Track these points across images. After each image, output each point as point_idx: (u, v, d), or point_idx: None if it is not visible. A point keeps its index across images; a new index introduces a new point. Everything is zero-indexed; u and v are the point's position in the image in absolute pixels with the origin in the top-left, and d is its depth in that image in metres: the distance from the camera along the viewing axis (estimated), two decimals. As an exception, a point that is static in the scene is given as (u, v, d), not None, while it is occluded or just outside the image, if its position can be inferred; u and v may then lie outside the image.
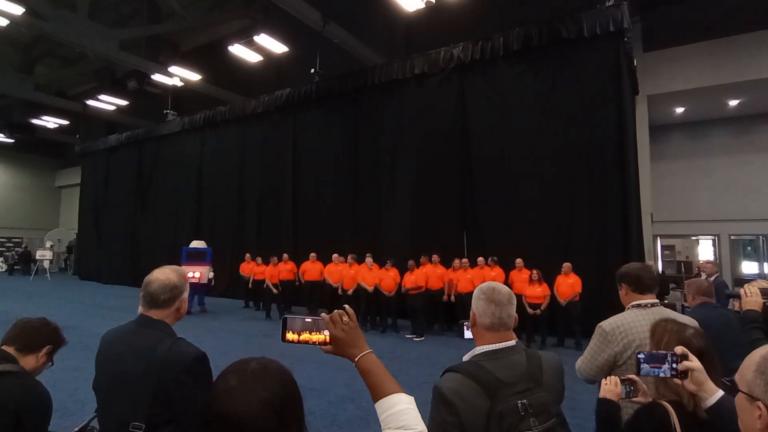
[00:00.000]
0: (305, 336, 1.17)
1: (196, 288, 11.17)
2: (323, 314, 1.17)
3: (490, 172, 9.57)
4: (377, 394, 1.09)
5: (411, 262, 8.87)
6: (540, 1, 10.68)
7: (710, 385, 1.34)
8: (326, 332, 1.15)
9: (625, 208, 8.26)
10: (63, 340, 1.92)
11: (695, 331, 1.43)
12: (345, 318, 1.16)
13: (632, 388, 1.66)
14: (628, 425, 1.55)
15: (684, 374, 1.35)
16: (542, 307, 7.66)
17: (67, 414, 4.23)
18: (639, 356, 1.44)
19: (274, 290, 10.46)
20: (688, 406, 1.36)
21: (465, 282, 8.45)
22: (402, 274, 8.95)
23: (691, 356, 1.37)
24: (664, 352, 1.41)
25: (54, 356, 1.90)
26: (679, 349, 1.37)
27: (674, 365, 1.37)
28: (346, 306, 1.19)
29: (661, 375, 1.39)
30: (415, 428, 1.03)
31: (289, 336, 1.17)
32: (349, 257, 9.71)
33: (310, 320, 1.17)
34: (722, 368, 1.43)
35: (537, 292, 7.68)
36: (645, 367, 1.42)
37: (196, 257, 11.48)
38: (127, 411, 1.47)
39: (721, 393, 1.32)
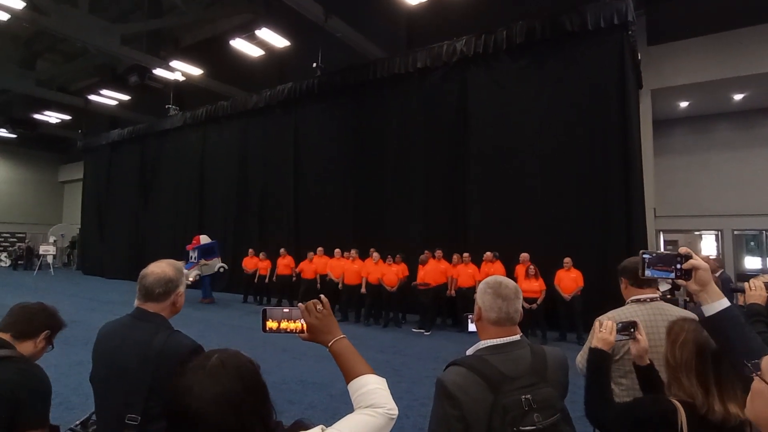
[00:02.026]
0: (284, 325, 1.24)
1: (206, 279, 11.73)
2: (299, 304, 1.24)
3: (493, 165, 9.53)
4: (349, 376, 1.15)
5: (422, 256, 8.89)
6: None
7: (714, 288, 1.26)
8: (302, 321, 1.22)
9: (628, 203, 8.23)
10: (61, 323, 1.87)
11: None
12: (319, 306, 1.23)
13: (632, 329, 1.66)
14: (627, 408, 1.54)
15: (688, 274, 1.28)
16: (538, 302, 7.67)
17: (70, 407, 4.24)
18: (644, 256, 1.35)
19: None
20: (701, 409, 1.33)
21: (466, 277, 8.48)
22: (409, 269, 9.06)
23: (696, 256, 1.29)
24: (671, 253, 1.33)
25: (54, 339, 1.86)
26: (684, 250, 1.31)
27: (678, 266, 1.29)
28: (321, 295, 1.26)
29: (668, 278, 1.31)
30: (383, 406, 1.08)
31: (269, 325, 1.25)
32: (352, 252, 9.72)
33: (287, 310, 1.25)
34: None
35: (533, 286, 7.68)
36: (650, 271, 1.33)
37: (216, 251, 12.12)
38: (123, 404, 1.47)
39: (726, 303, 1.24)
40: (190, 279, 11.31)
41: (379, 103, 11.41)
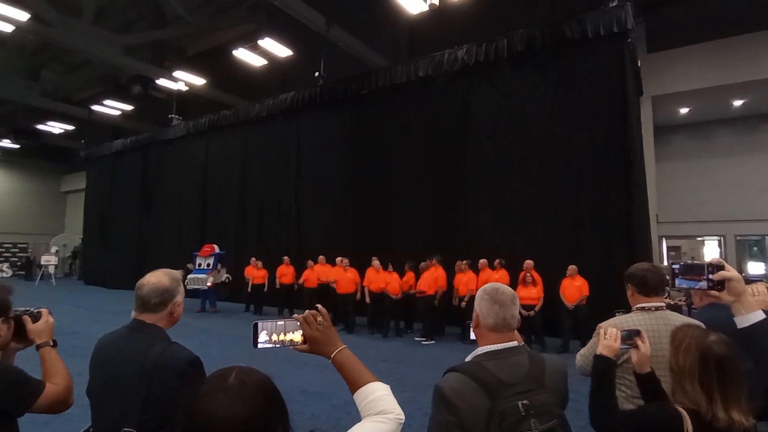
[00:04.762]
0: (278, 338, 1.20)
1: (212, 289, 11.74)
2: (295, 315, 1.21)
3: (496, 174, 9.54)
4: (354, 386, 1.14)
5: (422, 264, 8.87)
6: (544, 3, 10.67)
7: (749, 299, 1.26)
8: (299, 333, 1.20)
9: (630, 210, 8.21)
10: (7, 300, 1.63)
11: (718, 338, 1.36)
12: (319, 318, 1.21)
13: (635, 337, 1.65)
14: (632, 415, 1.53)
15: (720, 285, 1.28)
16: (536, 309, 7.61)
17: (69, 420, 4.21)
18: (674, 266, 1.36)
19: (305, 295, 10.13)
20: (705, 416, 1.31)
21: (471, 284, 8.40)
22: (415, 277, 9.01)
23: (728, 266, 1.29)
24: (701, 263, 1.33)
25: (10, 314, 1.63)
26: (716, 260, 1.31)
27: (710, 276, 1.30)
28: (319, 306, 1.25)
29: (698, 287, 1.32)
30: (392, 412, 1.09)
31: (262, 340, 1.19)
32: (343, 261, 9.63)
33: (282, 323, 1.20)
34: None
35: (531, 293, 7.63)
36: (680, 280, 1.35)
37: (225, 261, 12.21)
38: (119, 416, 1.45)
39: (762, 315, 1.24)
40: (208, 284, 11.42)
41: (381, 111, 11.45)
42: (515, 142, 9.35)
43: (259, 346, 1.19)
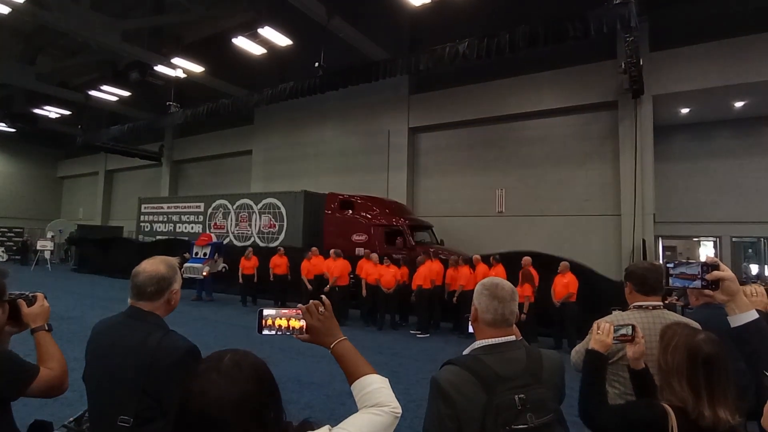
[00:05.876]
0: (281, 324, 1.21)
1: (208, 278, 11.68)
2: (299, 305, 1.22)
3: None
4: (352, 377, 1.15)
5: (419, 258, 8.88)
6: (546, -1, 10.60)
7: (743, 299, 1.27)
8: (302, 322, 1.20)
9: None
10: (2, 284, 1.60)
11: (706, 337, 1.37)
12: (321, 308, 1.21)
13: (631, 333, 1.64)
14: (620, 410, 1.54)
15: (714, 284, 1.29)
16: (524, 310, 7.53)
17: (66, 404, 4.20)
18: (668, 266, 1.37)
19: (309, 286, 9.74)
20: (692, 414, 1.32)
21: (463, 279, 8.42)
22: (410, 271, 9.00)
23: (723, 266, 1.30)
24: (695, 261, 1.35)
25: (5, 298, 1.60)
26: (710, 259, 1.32)
27: (704, 275, 1.31)
28: (323, 296, 1.26)
29: (692, 286, 1.33)
30: (389, 404, 1.09)
31: (267, 325, 1.21)
32: (335, 251, 9.59)
33: (285, 311, 1.22)
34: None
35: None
36: (674, 279, 1.36)
37: (222, 250, 12.17)
38: (116, 404, 1.44)
39: (755, 314, 1.25)
40: (204, 273, 11.37)
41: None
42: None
43: (264, 332, 1.21)
